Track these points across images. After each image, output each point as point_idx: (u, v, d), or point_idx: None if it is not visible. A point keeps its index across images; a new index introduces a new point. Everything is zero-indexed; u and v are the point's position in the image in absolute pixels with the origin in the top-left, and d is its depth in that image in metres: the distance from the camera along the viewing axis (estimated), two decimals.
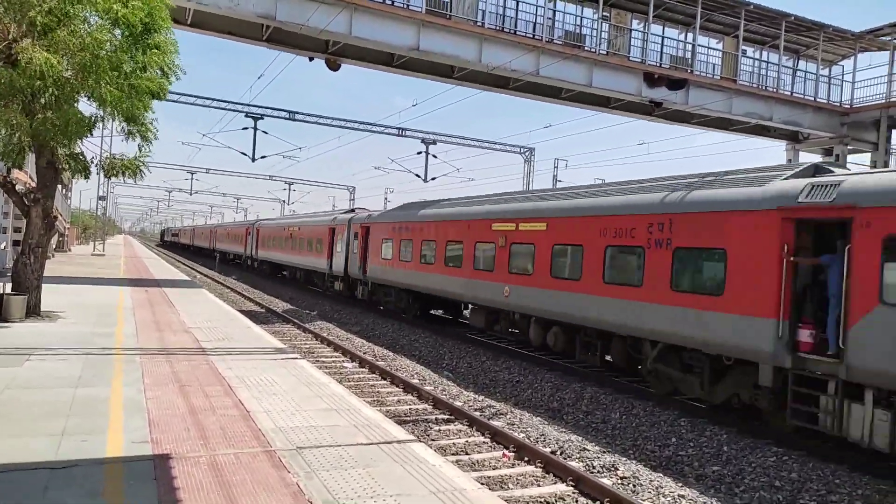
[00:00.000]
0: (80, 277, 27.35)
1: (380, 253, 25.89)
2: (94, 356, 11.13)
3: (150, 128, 14.48)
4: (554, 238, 15.78)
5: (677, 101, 25.82)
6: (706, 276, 11.85)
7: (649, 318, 12.66)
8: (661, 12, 25.82)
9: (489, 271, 18.25)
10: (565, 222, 15.47)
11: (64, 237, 55.86)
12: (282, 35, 22.26)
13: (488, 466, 9.23)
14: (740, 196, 11.27)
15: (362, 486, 6.03)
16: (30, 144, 14.39)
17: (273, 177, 68.51)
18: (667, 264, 12.39)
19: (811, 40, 28.28)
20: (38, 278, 15.21)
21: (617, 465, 9.41)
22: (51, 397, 8.32)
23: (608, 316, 13.80)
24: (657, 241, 12.68)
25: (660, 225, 12.65)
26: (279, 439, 7.24)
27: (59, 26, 12.78)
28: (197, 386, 9.49)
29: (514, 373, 15.68)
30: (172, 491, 5.63)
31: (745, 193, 11.20)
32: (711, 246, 11.63)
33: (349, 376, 14.74)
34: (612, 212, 14.07)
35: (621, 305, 13.41)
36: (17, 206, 16.05)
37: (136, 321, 15.65)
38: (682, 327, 11.89)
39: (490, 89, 26.38)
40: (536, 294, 16.16)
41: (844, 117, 28.89)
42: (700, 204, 12.01)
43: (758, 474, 9.41)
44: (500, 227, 17.87)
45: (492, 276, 18.08)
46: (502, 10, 23.32)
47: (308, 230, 36.09)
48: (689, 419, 11.73)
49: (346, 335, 20.94)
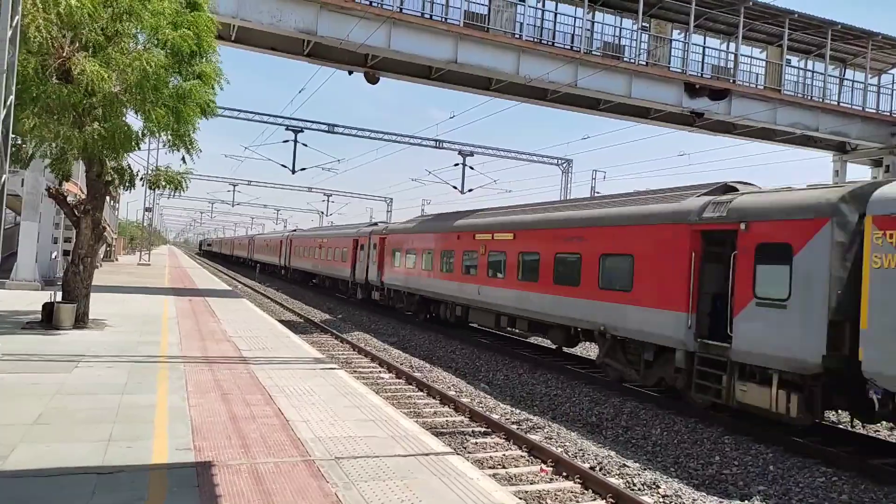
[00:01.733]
0: (126, 287, 28.09)
1: (393, 261, 28.31)
2: (140, 364, 11.39)
3: (194, 142, 14.87)
4: (519, 247, 18.63)
5: (719, 111, 25.42)
6: (625, 277, 14.24)
7: (583, 311, 15.61)
8: (703, 22, 25.52)
9: (473, 276, 21.10)
10: (527, 234, 18.48)
11: (111, 247, 57.51)
12: (322, 50, 22.67)
13: (526, 481, 9.12)
14: (664, 210, 13.56)
15: (400, 497, 6.02)
16: (78, 157, 14.89)
17: (312, 188, 69.50)
18: (595, 267, 15.21)
19: (859, 48, 27.57)
20: (87, 287, 15.66)
21: (658, 483, 9.21)
22: (98, 404, 8.54)
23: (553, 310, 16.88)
24: (589, 248, 15.65)
25: (593, 235, 15.60)
26: (318, 449, 7.28)
27: (110, 43, 13.24)
28: (238, 394, 9.63)
29: (552, 386, 15.52)
30: (214, 498, 5.70)
31: (667, 209, 13.51)
32: (626, 252, 14.25)
33: (386, 387, 14.78)
34: (558, 225, 17.03)
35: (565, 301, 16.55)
36: (67, 216, 16.58)
37: (179, 330, 15.98)
38: (607, 319, 14.59)
39: (528, 101, 26.38)
40: (504, 293, 19.18)
41: (894, 127, 28.04)
42: (624, 218, 14.62)
43: (805, 495, 9.09)
44: (481, 238, 20.75)
45: (472, 280, 21.03)
46: (540, 21, 23.37)
47: (335, 241, 38.66)
48: (732, 436, 11.41)
49: (383, 346, 21.02)
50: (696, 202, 12.78)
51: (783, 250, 10.67)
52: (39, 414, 7.89)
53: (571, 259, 16.15)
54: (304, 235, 50.28)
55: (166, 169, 16.42)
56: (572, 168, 41.60)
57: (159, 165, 17.29)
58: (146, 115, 13.51)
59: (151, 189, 17.01)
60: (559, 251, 16.68)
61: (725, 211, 11.89)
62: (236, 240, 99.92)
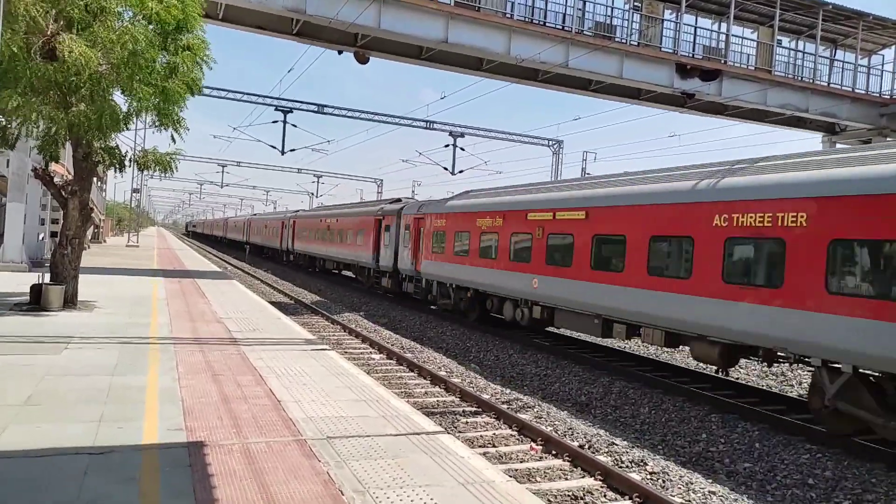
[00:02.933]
0: (115, 268, 27.95)
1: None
2: (130, 345, 11.37)
3: (182, 120, 14.72)
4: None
5: (710, 92, 25.41)
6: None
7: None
8: (694, 2, 25.41)
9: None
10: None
11: (99, 229, 57.10)
12: (311, 29, 22.43)
13: (516, 459, 9.23)
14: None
15: (391, 476, 6.08)
16: (66, 138, 14.72)
17: (302, 170, 69.04)
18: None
19: (850, 29, 27.56)
20: (76, 269, 15.58)
21: (646, 461, 9.34)
22: (88, 385, 8.53)
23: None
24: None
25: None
26: (309, 429, 7.33)
27: (95, 21, 13.04)
28: (229, 375, 9.64)
29: (542, 366, 15.64)
30: (207, 477, 5.74)
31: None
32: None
33: (377, 367, 14.84)
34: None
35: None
36: (55, 197, 16.43)
37: (169, 311, 15.95)
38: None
39: (519, 81, 26.26)
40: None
41: (883, 108, 28.18)
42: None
43: (790, 471, 9.26)
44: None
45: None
46: (531, 1, 23.16)
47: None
48: (719, 415, 11.58)
49: (373, 327, 21.08)
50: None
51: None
52: (29, 395, 7.88)
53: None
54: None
55: (154, 150, 16.27)
56: (563, 149, 41.51)
57: (146, 147, 17.12)
58: (133, 93, 13.36)
59: (140, 170, 16.87)
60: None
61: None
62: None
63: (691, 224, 12.45)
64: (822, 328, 9.83)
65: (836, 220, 9.86)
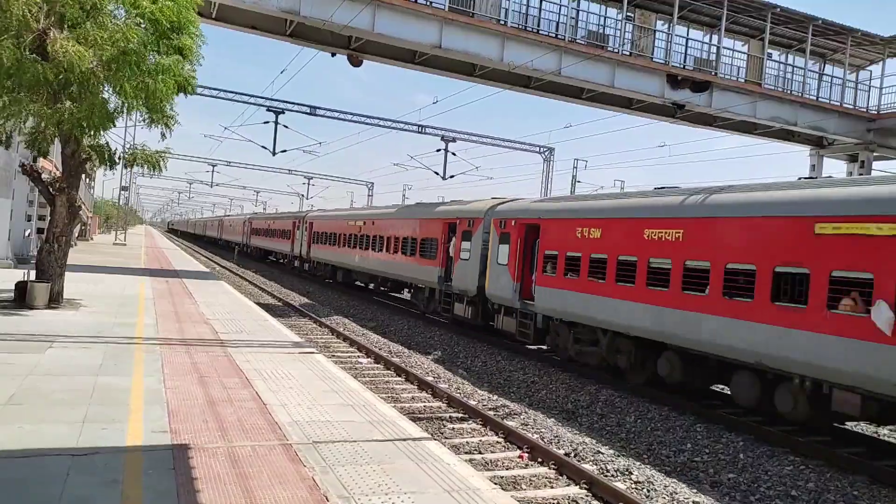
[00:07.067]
0: (102, 266, 27.71)
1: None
2: (116, 345, 11.28)
3: (172, 116, 14.60)
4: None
5: (700, 103, 25.59)
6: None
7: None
8: (686, 13, 25.58)
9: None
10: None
11: (86, 226, 56.63)
12: (305, 30, 22.37)
13: (501, 466, 9.23)
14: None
15: (377, 482, 6.06)
16: (55, 134, 14.59)
17: (293, 171, 68.89)
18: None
19: (838, 44, 27.88)
20: (62, 266, 15.42)
21: (631, 470, 9.37)
22: (72, 385, 8.45)
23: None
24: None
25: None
26: (295, 433, 7.29)
27: (87, 19, 12.95)
28: (215, 377, 9.58)
29: (529, 373, 15.66)
30: (190, 481, 5.69)
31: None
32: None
33: (364, 372, 14.80)
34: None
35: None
36: (42, 194, 16.29)
37: (156, 312, 15.83)
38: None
39: (511, 88, 26.32)
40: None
41: (871, 123, 28.47)
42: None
43: (774, 483, 9.31)
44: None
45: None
46: (525, 8, 23.25)
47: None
48: (704, 425, 11.64)
49: (361, 331, 21.02)
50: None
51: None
52: (12, 394, 7.79)
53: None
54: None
55: (142, 147, 16.15)
56: (554, 157, 41.65)
57: (135, 144, 17.00)
58: (121, 90, 13.24)
59: (128, 167, 16.75)
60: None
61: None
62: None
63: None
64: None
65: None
